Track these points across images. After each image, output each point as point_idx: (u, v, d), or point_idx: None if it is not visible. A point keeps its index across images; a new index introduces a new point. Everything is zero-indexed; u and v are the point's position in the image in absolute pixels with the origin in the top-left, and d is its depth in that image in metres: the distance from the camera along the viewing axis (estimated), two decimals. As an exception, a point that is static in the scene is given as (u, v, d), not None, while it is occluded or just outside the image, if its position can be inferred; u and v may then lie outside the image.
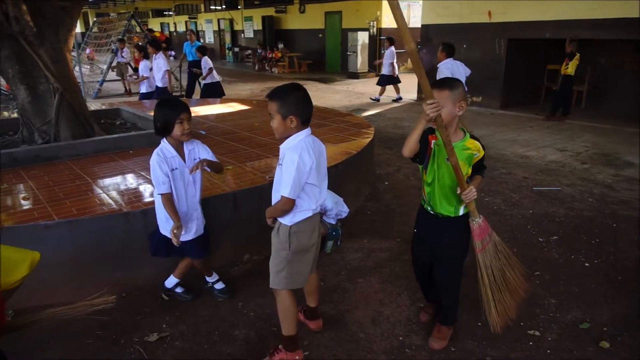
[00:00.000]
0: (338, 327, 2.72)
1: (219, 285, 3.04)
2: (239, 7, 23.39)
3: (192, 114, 2.67)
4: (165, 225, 2.71)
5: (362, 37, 15.28)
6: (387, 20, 16.23)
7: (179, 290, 3.03)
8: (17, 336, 2.55)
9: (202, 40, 26.99)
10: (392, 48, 10.80)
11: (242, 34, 23.89)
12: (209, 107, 7.45)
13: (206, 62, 8.78)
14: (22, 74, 4.48)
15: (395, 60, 10.83)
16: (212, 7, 26.06)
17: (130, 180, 3.72)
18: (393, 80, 10.92)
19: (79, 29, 21.22)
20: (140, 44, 11.17)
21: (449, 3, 10.02)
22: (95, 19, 18.74)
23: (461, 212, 2.35)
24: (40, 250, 2.81)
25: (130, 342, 2.62)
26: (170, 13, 31.33)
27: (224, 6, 24.64)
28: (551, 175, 5.44)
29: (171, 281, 3.00)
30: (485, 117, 8.99)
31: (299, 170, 2.08)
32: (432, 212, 2.38)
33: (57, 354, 2.53)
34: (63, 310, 2.02)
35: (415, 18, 14.20)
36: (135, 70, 11.20)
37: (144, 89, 8.16)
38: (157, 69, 7.68)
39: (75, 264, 2.93)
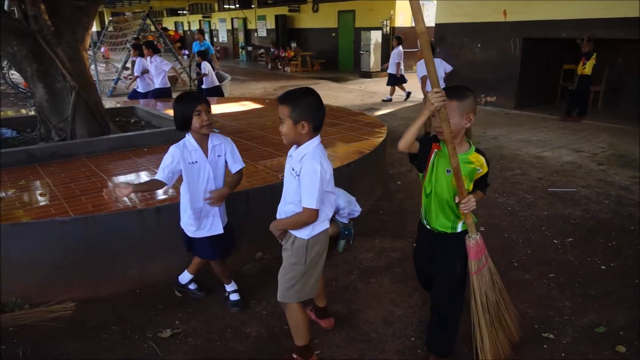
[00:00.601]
0: (350, 327, 2.72)
1: (234, 297, 2.93)
2: (252, 6, 23.49)
3: None
4: (182, 216, 2.70)
5: (375, 36, 15.23)
6: (401, 20, 16.16)
7: (192, 287, 3.04)
8: (33, 331, 2.61)
9: (215, 40, 27.16)
10: (400, 48, 10.77)
11: (256, 33, 23.98)
12: (222, 106, 7.49)
13: (204, 66, 8.47)
14: (39, 72, 4.56)
15: (401, 60, 10.79)
16: (225, 6, 26.19)
17: (145, 177, 3.76)
18: (398, 80, 10.91)
19: (95, 28, 21.50)
20: (137, 43, 11.09)
21: (463, 2, 9.93)
22: (110, 18, 18.95)
23: (459, 229, 2.18)
24: (56, 245, 2.89)
25: (144, 337, 2.65)
26: (185, 12, 31.59)
27: (237, 5, 24.77)
28: (567, 176, 5.37)
29: (185, 277, 3.01)
30: (500, 117, 8.90)
31: (322, 180, 2.01)
32: (428, 227, 2.24)
33: (73, 349, 2.56)
34: (21, 315, 2.02)
35: (429, 17, 14.10)
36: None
37: (141, 88, 8.02)
38: (156, 72, 7.60)
39: (91, 259, 2.97)
